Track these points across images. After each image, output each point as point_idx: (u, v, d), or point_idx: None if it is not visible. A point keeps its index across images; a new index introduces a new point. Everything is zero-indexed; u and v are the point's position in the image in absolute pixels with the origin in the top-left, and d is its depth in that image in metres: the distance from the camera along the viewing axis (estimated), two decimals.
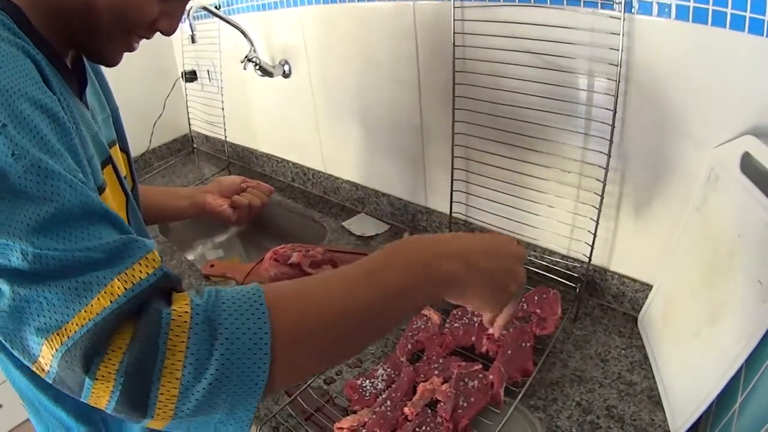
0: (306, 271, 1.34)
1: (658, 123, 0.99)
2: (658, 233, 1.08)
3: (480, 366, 1.01)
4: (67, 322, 0.48)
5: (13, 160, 0.48)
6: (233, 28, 1.66)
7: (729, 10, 0.82)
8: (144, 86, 2.15)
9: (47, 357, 0.49)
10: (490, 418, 0.95)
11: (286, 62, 1.71)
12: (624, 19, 0.93)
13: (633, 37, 0.95)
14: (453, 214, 1.36)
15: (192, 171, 2.20)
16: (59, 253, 0.49)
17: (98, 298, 0.49)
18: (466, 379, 0.98)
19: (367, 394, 1.01)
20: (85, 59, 0.77)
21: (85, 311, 0.49)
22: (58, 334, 0.48)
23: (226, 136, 2.05)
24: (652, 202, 1.07)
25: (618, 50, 0.95)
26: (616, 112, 0.98)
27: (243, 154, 2.15)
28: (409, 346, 1.11)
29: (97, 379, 0.48)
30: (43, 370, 0.51)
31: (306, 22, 1.57)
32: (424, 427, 0.91)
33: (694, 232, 0.96)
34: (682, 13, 0.88)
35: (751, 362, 0.74)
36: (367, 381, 1.04)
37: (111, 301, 0.49)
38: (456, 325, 1.12)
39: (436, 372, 1.03)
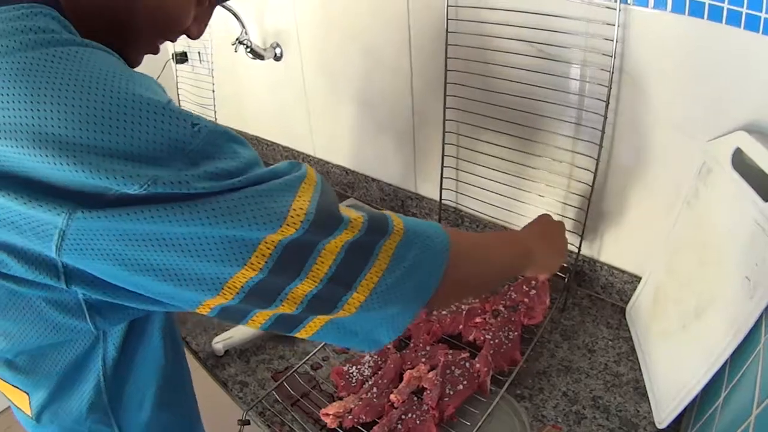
0: None
1: (651, 115, 0.99)
2: (647, 225, 1.08)
3: (467, 354, 1.02)
4: (290, 207, 0.52)
5: (196, 131, 0.50)
6: (225, 10, 1.64)
7: (725, 5, 0.81)
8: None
9: (264, 255, 0.51)
10: (476, 407, 0.95)
11: (278, 45, 1.70)
12: (619, 10, 0.93)
13: (628, 28, 0.95)
14: (443, 201, 1.35)
15: None
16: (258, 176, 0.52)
17: (303, 189, 0.54)
18: (453, 367, 0.98)
19: (354, 381, 1.01)
20: None
21: (299, 198, 0.53)
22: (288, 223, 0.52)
23: (216, 119, 2.03)
24: (642, 194, 1.07)
25: (612, 41, 0.94)
26: (608, 103, 0.98)
27: None
28: None
29: (348, 227, 0.55)
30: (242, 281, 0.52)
31: (298, 5, 1.55)
32: (410, 415, 0.92)
33: (684, 226, 0.96)
34: (678, 6, 0.87)
35: (735, 357, 0.75)
36: (354, 367, 1.04)
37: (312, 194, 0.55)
38: (443, 313, 1.12)
39: (423, 360, 1.03)
